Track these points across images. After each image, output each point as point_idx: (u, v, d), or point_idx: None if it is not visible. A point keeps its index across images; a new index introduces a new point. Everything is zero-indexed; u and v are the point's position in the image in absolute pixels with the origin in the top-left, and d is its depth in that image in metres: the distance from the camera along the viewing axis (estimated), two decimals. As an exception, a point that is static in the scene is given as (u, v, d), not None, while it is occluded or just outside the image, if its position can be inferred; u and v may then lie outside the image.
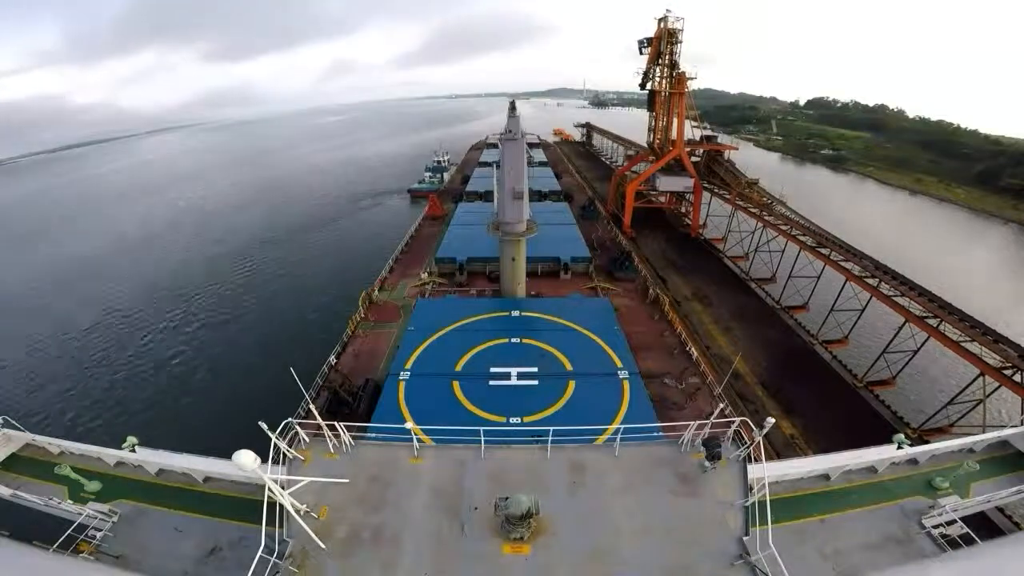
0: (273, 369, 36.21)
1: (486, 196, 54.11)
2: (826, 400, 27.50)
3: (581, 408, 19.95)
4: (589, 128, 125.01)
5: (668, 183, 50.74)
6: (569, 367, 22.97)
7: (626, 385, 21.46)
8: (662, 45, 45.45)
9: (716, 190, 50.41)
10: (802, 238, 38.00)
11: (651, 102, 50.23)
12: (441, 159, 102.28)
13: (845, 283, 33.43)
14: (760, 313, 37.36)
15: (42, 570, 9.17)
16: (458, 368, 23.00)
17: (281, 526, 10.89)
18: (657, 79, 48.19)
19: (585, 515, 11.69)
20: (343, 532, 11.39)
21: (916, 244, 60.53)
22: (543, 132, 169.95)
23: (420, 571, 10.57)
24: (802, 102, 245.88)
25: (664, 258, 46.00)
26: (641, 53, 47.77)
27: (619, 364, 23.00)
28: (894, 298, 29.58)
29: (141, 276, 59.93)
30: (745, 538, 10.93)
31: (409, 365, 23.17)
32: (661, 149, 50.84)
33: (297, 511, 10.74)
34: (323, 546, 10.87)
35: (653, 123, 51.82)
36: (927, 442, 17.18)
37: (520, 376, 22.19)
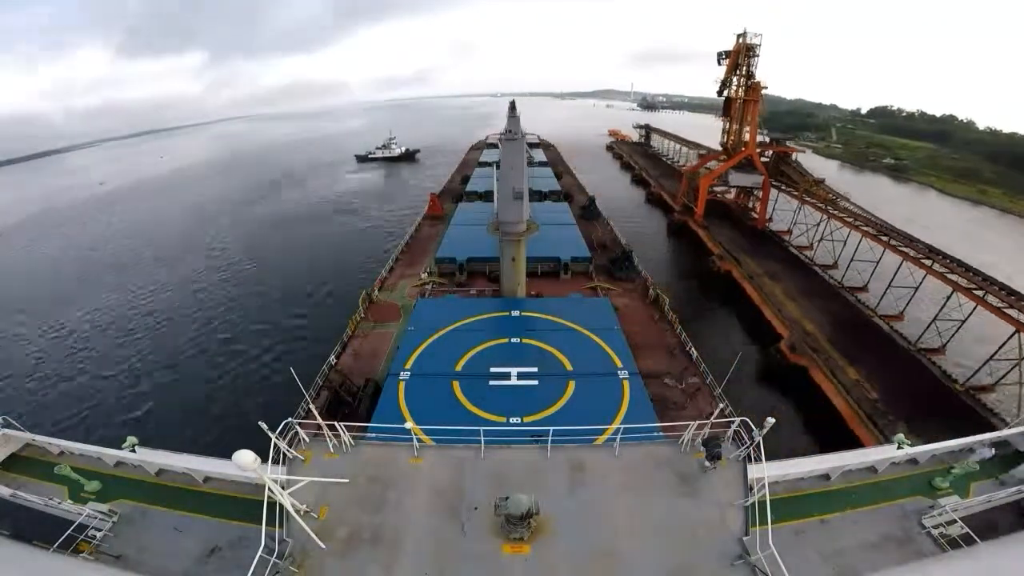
0: (273, 369, 36.22)
1: (486, 196, 54.11)
2: (885, 359, 31.10)
3: (581, 408, 19.95)
4: (648, 129, 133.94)
5: (739, 179, 56.07)
6: (569, 367, 22.96)
7: (626, 385, 21.45)
8: (740, 58, 51.13)
9: (783, 187, 54.95)
10: (864, 228, 41.47)
11: (726, 107, 55.24)
12: (390, 140, 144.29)
13: (901, 263, 36.64)
14: (825, 291, 41.49)
15: (42, 570, 9.17)
16: (458, 368, 22.99)
17: (281, 526, 10.90)
18: (733, 87, 53.42)
19: (585, 515, 11.69)
20: (343, 532, 11.39)
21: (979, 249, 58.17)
22: (598, 132, 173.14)
23: (420, 571, 10.57)
24: (864, 110, 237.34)
25: (735, 244, 50.62)
26: (719, 63, 53.51)
27: (619, 364, 22.98)
28: (946, 275, 33.03)
29: (141, 276, 59.92)
30: (745, 538, 10.93)
31: (409, 365, 23.16)
32: (734, 149, 55.57)
33: (297, 511, 10.74)
34: (323, 546, 10.87)
35: (727, 126, 56.51)
36: (927, 442, 17.18)
37: (520, 376, 22.18)
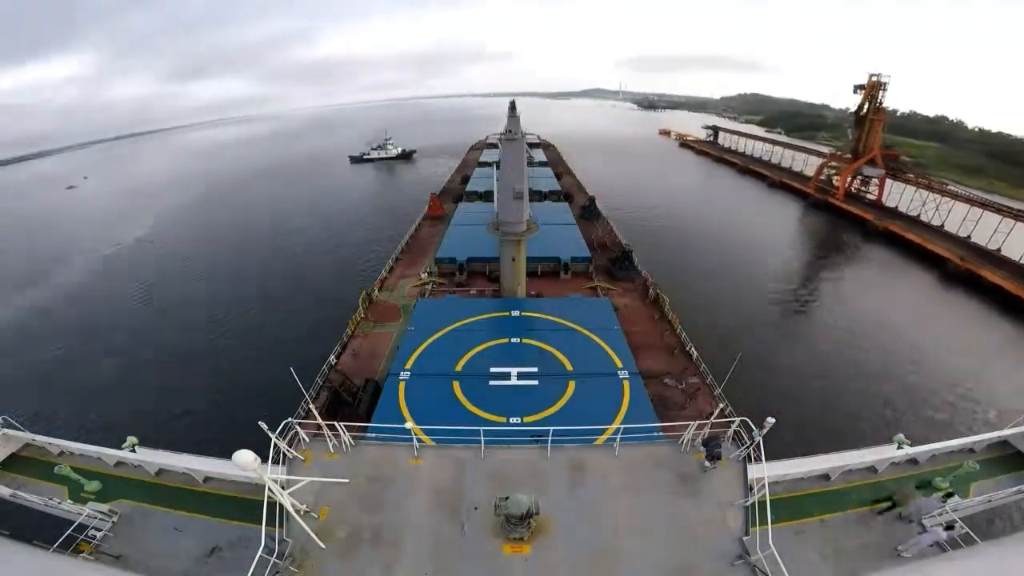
0: (273, 369, 36.14)
1: (486, 196, 54.09)
2: (1006, 265, 50.11)
3: (581, 408, 19.91)
4: (716, 130, 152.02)
5: (870, 171, 77.23)
6: (569, 367, 22.94)
7: (626, 385, 21.43)
8: (872, 91, 72.10)
9: (897, 177, 75.55)
10: (976, 201, 61.15)
11: (859, 122, 76.54)
12: (387, 141, 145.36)
13: (1000, 221, 54.97)
14: (945, 237, 60.21)
15: (42, 570, 9.18)
16: (458, 368, 22.97)
17: (281, 526, 10.90)
18: (865, 110, 74.13)
19: (585, 515, 11.70)
20: (343, 532, 11.40)
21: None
22: (647, 134, 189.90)
23: (420, 571, 10.57)
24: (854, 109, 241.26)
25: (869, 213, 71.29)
26: (855, 93, 74.79)
27: (619, 364, 22.96)
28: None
29: (140, 275, 59.98)
30: (745, 538, 10.94)
31: (409, 365, 23.15)
32: (863, 150, 76.21)
33: (297, 511, 10.75)
34: (323, 546, 10.88)
35: (858, 134, 76.90)
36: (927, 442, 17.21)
37: (520, 376, 22.16)
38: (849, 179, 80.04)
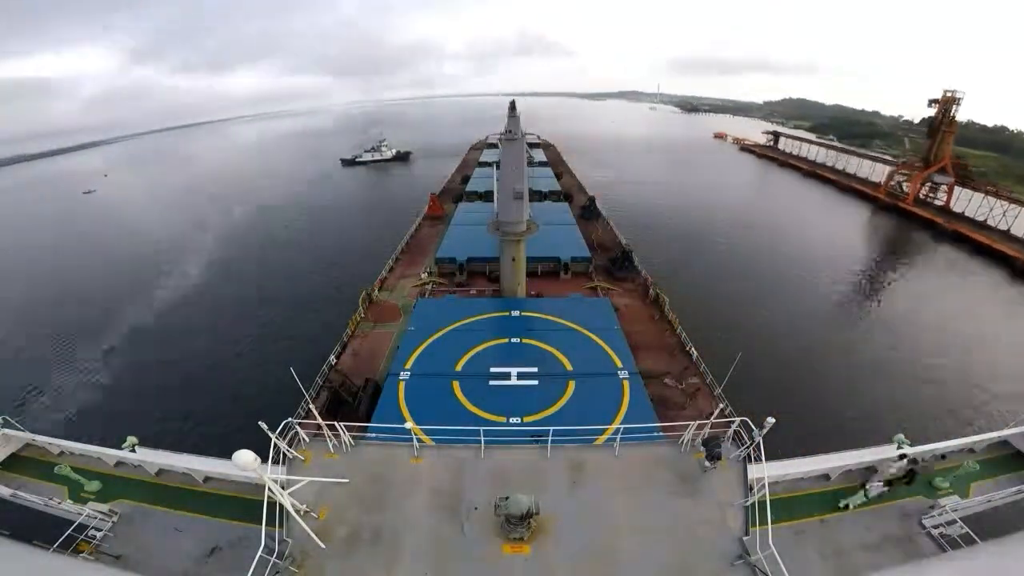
0: (273, 369, 36.16)
1: (486, 196, 54.11)
2: None
3: (581, 408, 19.92)
4: (776, 135, 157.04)
5: (940, 178, 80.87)
6: (569, 367, 22.94)
7: (626, 385, 21.43)
8: (947, 105, 76.81)
9: (965, 184, 79.03)
10: None
11: (931, 132, 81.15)
12: (381, 143, 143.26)
13: None
14: (1010, 238, 63.64)
15: (42, 570, 9.17)
16: (458, 368, 22.97)
17: (281, 526, 10.90)
18: (938, 121, 78.48)
19: (585, 515, 11.69)
20: (343, 532, 11.40)
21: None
22: (701, 137, 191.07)
23: (420, 571, 10.57)
24: (907, 118, 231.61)
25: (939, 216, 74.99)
26: (929, 106, 79.81)
27: (619, 364, 22.96)
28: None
29: (140, 275, 59.97)
30: (745, 538, 10.94)
31: (409, 365, 23.15)
32: (934, 159, 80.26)
33: (297, 511, 10.75)
34: (323, 546, 10.88)
35: (929, 144, 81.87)
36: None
37: (520, 376, 22.16)
38: (919, 185, 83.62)
